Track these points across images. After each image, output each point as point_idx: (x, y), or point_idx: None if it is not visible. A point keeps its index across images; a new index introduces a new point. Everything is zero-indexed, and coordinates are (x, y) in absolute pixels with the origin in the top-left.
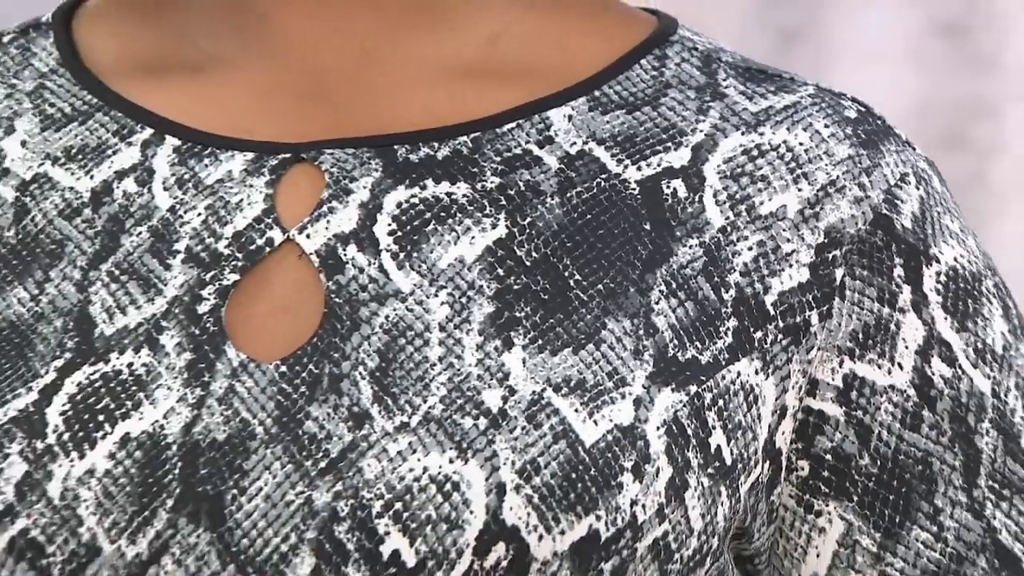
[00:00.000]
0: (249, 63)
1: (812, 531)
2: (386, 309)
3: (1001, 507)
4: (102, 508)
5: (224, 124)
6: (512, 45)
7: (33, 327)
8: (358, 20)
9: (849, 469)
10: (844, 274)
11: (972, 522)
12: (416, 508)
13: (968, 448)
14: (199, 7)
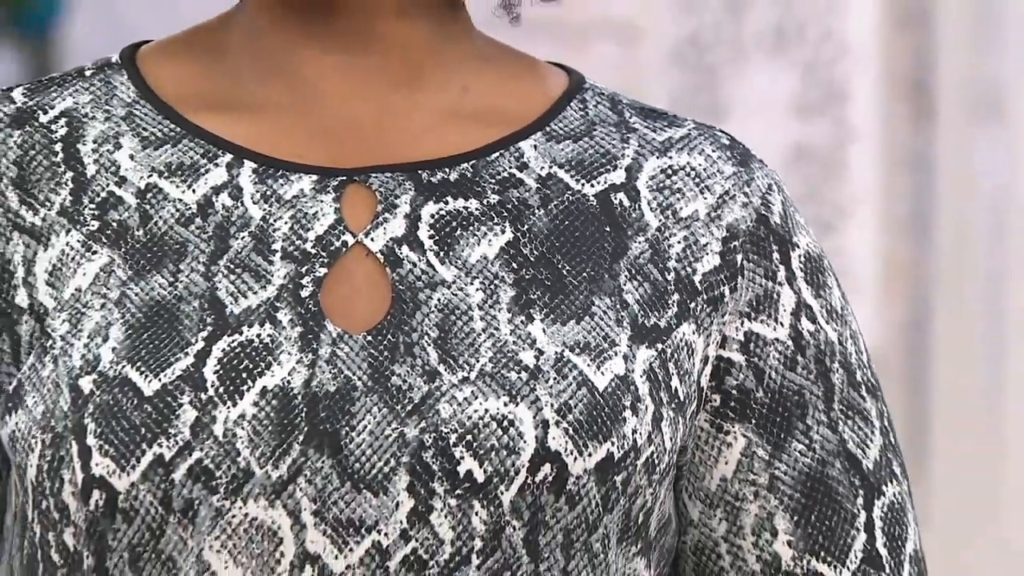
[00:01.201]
0: (294, 108)
1: (722, 445)
2: (437, 294)
3: (847, 424)
4: (252, 443)
5: (283, 152)
6: (478, 93)
7: (176, 306)
8: (372, 82)
9: (748, 400)
10: (742, 259)
11: (830, 435)
12: (483, 439)
13: (826, 382)
14: (250, 62)
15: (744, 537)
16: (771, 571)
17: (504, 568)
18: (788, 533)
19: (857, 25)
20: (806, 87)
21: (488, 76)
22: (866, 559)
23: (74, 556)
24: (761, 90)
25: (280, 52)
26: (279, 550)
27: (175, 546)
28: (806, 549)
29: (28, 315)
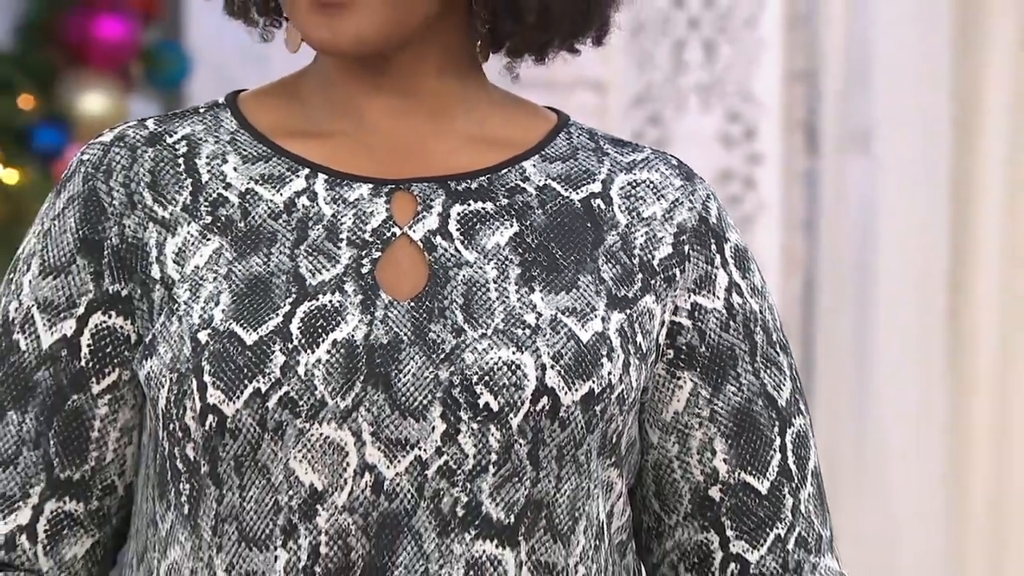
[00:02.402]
0: (356, 136)
1: (674, 387)
2: (462, 272)
3: (767, 371)
4: (326, 380)
5: (347, 167)
6: (491, 126)
7: (268, 279)
8: (415, 118)
9: (694, 354)
10: (689, 248)
11: (755, 381)
12: (497, 379)
13: (751, 341)
14: (322, 103)
15: (691, 456)
16: (711, 481)
17: (513, 474)
18: (724, 452)
19: (763, 82)
20: (727, 126)
21: (499, 115)
22: (781, 472)
23: (194, 464)
24: (695, 128)
25: (346, 96)
26: (345, 461)
27: (268, 456)
28: (737, 464)
29: (160, 284)
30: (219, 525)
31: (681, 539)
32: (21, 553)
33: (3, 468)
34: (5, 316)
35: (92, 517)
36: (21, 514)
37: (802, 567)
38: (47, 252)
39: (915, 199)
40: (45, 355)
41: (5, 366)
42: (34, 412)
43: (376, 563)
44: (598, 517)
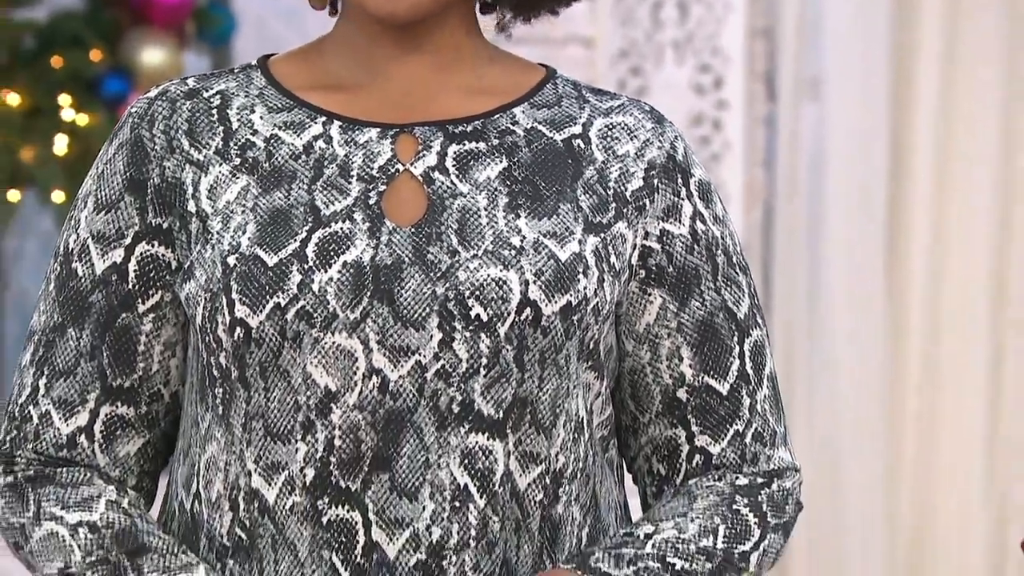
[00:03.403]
0: (367, 87)
1: (646, 303)
2: (457, 201)
3: (727, 288)
4: (337, 296)
5: (358, 114)
6: (488, 78)
7: (287, 211)
8: (420, 70)
9: (663, 273)
10: (657, 182)
11: (716, 297)
12: (486, 293)
13: (713, 263)
14: (342, 60)
15: (661, 362)
16: (678, 384)
17: (501, 376)
18: (690, 359)
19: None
20: (698, 76)
21: (495, 68)
22: (739, 376)
23: (226, 370)
24: (671, 78)
25: (368, 55)
26: (355, 366)
27: (288, 362)
28: (701, 369)
29: (195, 217)
30: (248, 423)
31: (653, 435)
32: (81, 451)
33: (64, 378)
34: (66, 248)
35: (142, 420)
36: (80, 417)
37: (758, 458)
38: (100, 191)
39: (858, 138)
40: (98, 280)
41: (66, 290)
42: (90, 329)
43: (383, 454)
44: (577, 414)
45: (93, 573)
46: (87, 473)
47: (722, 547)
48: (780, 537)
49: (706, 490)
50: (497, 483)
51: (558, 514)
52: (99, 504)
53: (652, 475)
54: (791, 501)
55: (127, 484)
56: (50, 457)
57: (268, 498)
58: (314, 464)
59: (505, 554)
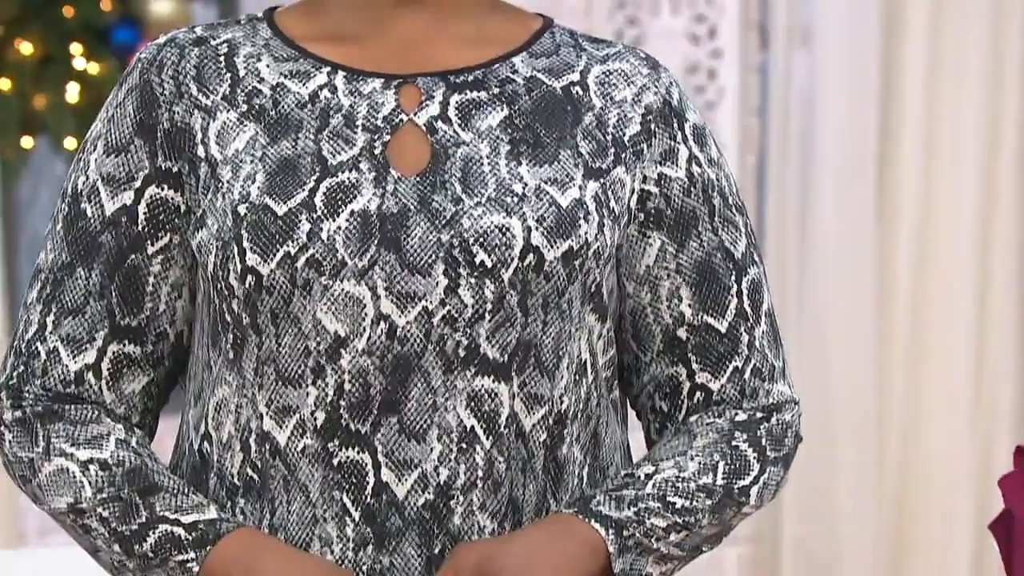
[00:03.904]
0: (371, 39)
1: (646, 245)
2: (460, 150)
3: (724, 229)
4: (345, 243)
5: (363, 65)
6: (487, 28)
7: (296, 160)
8: (422, 22)
9: (662, 216)
10: (654, 127)
11: (713, 238)
12: (490, 240)
13: (709, 205)
14: (345, 13)
15: (661, 303)
16: (678, 323)
17: (505, 320)
18: (688, 299)
19: None
20: (693, 26)
21: (494, 19)
22: (737, 314)
23: (237, 317)
24: (667, 28)
25: (369, 6)
26: (364, 312)
27: (299, 309)
28: (700, 308)
29: (204, 162)
30: (259, 367)
31: (655, 373)
32: (88, 388)
33: (72, 316)
34: (74, 188)
35: (148, 359)
36: (88, 355)
37: (757, 393)
38: (110, 135)
39: (849, 85)
40: (108, 221)
41: (74, 230)
42: (99, 269)
43: (391, 397)
44: (580, 356)
45: (104, 509)
46: (96, 411)
47: (722, 483)
48: (780, 469)
49: (705, 428)
50: (503, 425)
51: (562, 454)
52: (109, 442)
53: (655, 412)
54: (790, 434)
55: (131, 422)
56: (58, 393)
57: (279, 441)
58: (324, 408)
59: (511, 493)
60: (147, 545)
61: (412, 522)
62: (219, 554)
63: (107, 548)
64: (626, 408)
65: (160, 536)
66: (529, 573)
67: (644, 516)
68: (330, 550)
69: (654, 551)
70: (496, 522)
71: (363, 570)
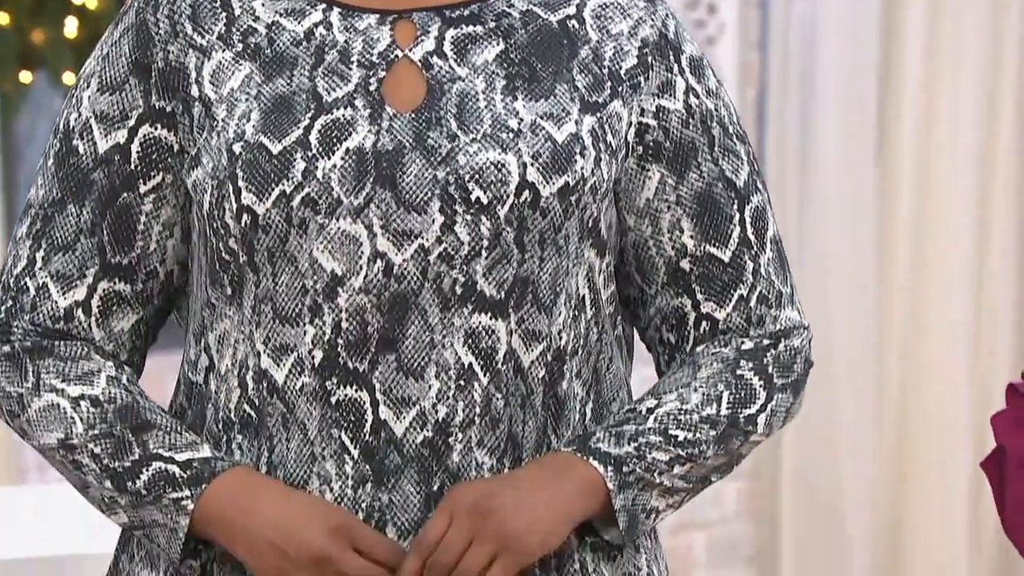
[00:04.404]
0: None
1: (645, 178)
2: (456, 85)
3: (725, 159)
4: (341, 182)
5: (359, 0)
6: None
7: (291, 98)
8: None
9: (660, 148)
10: (651, 59)
11: (714, 168)
12: (486, 176)
13: (708, 135)
14: None
15: (663, 235)
16: (681, 255)
17: (502, 257)
18: (690, 230)
19: None
20: None
21: None
22: (741, 242)
23: (235, 255)
24: None
25: None
26: (360, 250)
27: (295, 248)
28: (702, 239)
29: (198, 102)
30: (257, 305)
31: (661, 305)
32: (77, 324)
33: (63, 252)
34: (67, 125)
35: (137, 297)
36: (78, 291)
37: (764, 319)
38: (105, 72)
39: (850, 19)
40: (101, 158)
41: (66, 167)
42: (90, 206)
43: (389, 335)
44: (578, 292)
45: (95, 446)
46: (85, 348)
47: (726, 413)
48: (789, 396)
49: (710, 358)
50: (500, 361)
51: (562, 390)
52: (100, 379)
53: (663, 344)
54: (799, 360)
55: (120, 359)
56: (47, 329)
57: (277, 379)
58: (322, 346)
59: (510, 429)
60: (140, 482)
61: (411, 459)
62: (214, 492)
63: (98, 485)
64: (632, 344)
65: (154, 473)
66: (526, 513)
67: (645, 451)
68: (329, 488)
69: (657, 485)
70: (495, 458)
71: (362, 507)
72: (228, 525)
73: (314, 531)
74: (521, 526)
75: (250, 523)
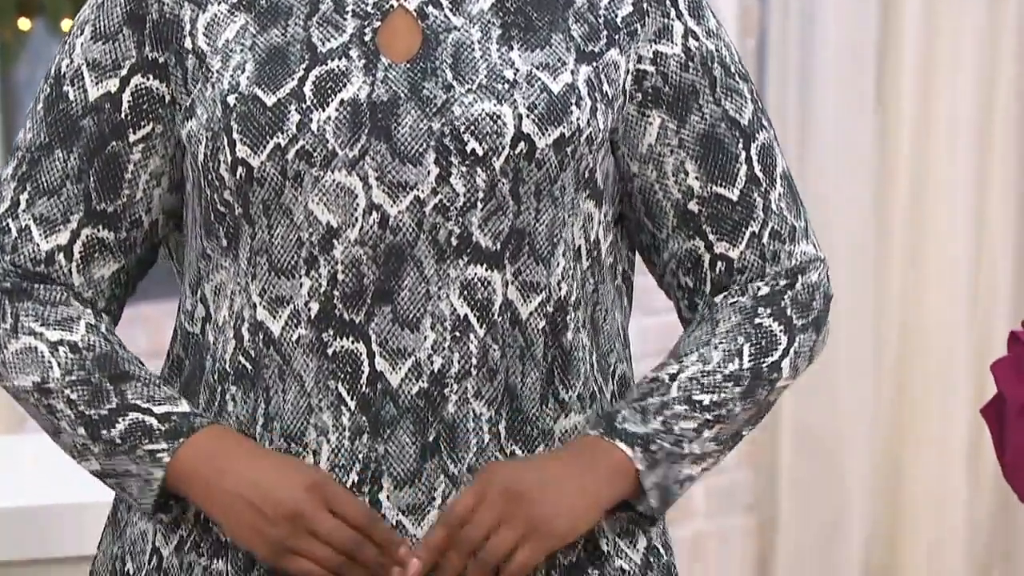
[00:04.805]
0: None
1: (646, 124)
2: (451, 35)
3: (728, 98)
4: (336, 134)
5: None
6: None
7: (285, 48)
8: None
9: (660, 94)
10: (647, 6)
11: (716, 109)
12: (481, 128)
13: (709, 76)
14: None
15: (668, 179)
16: (688, 197)
17: (498, 209)
18: (695, 172)
19: None
20: None
21: None
22: (749, 180)
23: (230, 207)
24: None
25: None
26: (355, 202)
27: (290, 200)
28: (708, 180)
29: (192, 55)
30: (253, 257)
31: (674, 249)
32: (58, 268)
33: (48, 196)
34: (58, 71)
35: (120, 245)
36: (60, 236)
37: (779, 255)
38: (99, 21)
39: None
40: (91, 106)
41: (55, 112)
42: (78, 152)
43: (385, 287)
44: (575, 243)
45: (72, 392)
46: (64, 293)
47: (749, 366)
48: (811, 335)
49: (728, 310)
50: (496, 313)
51: (568, 340)
52: (79, 325)
53: (682, 289)
54: (818, 296)
55: (98, 307)
56: (27, 271)
57: (273, 331)
58: (318, 298)
59: (507, 381)
60: (116, 431)
61: (406, 410)
62: (191, 448)
63: (71, 431)
64: (631, 294)
65: (131, 423)
66: (557, 498)
67: (672, 423)
68: (326, 439)
69: (687, 455)
70: (492, 409)
71: (359, 458)
72: (203, 482)
73: (290, 489)
74: (551, 511)
75: (225, 481)
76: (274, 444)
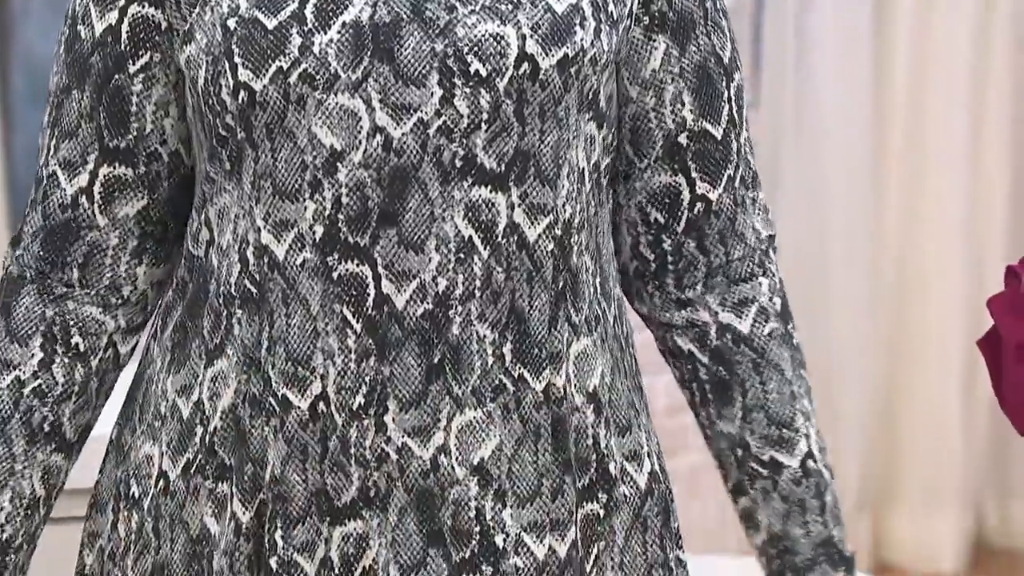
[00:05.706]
0: None
1: (651, 49)
2: None
3: (715, 34)
4: (338, 56)
5: None
6: None
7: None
8: None
9: (665, 18)
10: None
11: (707, 42)
12: (485, 48)
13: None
14: None
15: (665, 107)
16: (680, 128)
17: (502, 130)
18: (690, 104)
19: None
20: None
21: None
22: (729, 120)
23: (232, 131)
24: None
25: None
26: (359, 125)
27: (293, 124)
28: (700, 114)
29: None
30: (256, 181)
31: (651, 181)
32: (82, 211)
33: (68, 139)
34: (72, 11)
35: (141, 181)
36: (81, 177)
37: (744, 202)
38: None
39: None
40: (97, 42)
41: (71, 52)
42: (89, 90)
43: (389, 209)
44: (579, 165)
45: None
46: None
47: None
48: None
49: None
50: (500, 235)
51: (574, 263)
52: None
53: (648, 224)
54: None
55: (127, 247)
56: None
57: (278, 254)
58: (323, 221)
59: (513, 303)
60: None
61: (411, 332)
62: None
63: None
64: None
65: None
66: None
67: (835, 550)
68: (332, 363)
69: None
70: (496, 332)
71: (365, 381)
72: None
73: None
74: None
75: None
76: (279, 368)
